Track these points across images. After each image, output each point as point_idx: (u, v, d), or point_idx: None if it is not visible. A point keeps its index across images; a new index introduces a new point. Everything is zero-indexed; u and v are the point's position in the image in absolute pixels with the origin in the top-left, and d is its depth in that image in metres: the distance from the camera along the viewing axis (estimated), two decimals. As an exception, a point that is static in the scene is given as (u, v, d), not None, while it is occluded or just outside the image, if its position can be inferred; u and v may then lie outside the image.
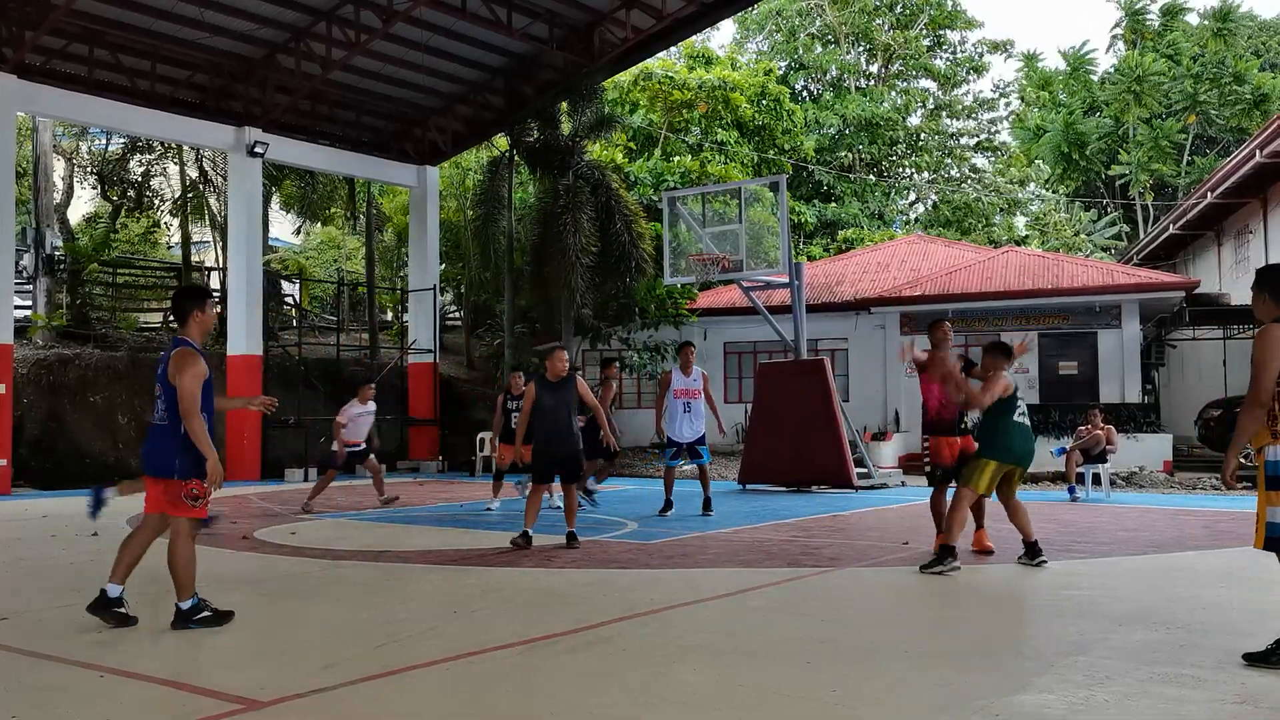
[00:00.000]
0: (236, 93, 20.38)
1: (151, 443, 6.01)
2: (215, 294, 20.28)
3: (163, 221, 30.15)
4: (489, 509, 13.00)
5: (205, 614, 5.92)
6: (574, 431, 9.34)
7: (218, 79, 20.07)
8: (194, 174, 27.00)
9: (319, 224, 32.96)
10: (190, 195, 27.08)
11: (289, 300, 29.60)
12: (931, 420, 8.75)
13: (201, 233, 28.95)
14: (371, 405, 13.50)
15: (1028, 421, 7.96)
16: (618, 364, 11.37)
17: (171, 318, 26.03)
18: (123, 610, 5.93)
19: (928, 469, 8.86)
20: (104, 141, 28.67)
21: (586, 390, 9.57)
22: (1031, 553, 8.00)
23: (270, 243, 30.58)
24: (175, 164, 27.07)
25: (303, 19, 18.99)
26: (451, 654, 5.23)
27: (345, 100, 22.21)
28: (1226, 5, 40.36)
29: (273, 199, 29.16)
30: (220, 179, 25.81)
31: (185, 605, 5.90)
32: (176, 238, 28.69)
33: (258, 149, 19.96)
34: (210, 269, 29.27)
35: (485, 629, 5.91)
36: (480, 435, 21.51)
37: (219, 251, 27.72)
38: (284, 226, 36.25)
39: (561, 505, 10.13)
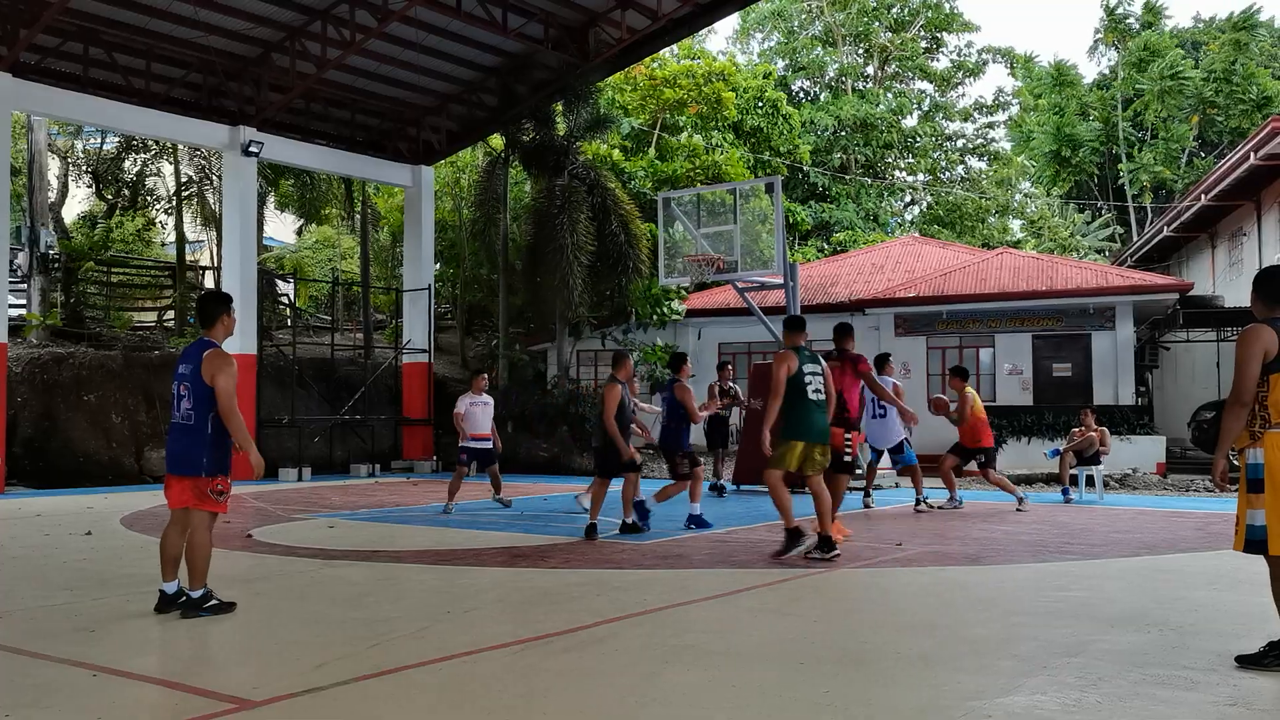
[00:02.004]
0: (231, 91, 20.35)
1: (178, 441, 6.26)
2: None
3: (157, 220, 30.09)
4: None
5: (214, 602, 6.22)
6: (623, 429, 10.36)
7: (212, 78, 20.04)
8: (189, 173, 26.95)
9: (315, 224, 32.93)
10: (185, 194, 27.04)
11: (284, 299, 29.56)
12: (853, 418, 10.19)
13: (196, 232, 28.89)
14: (487, 396, 13.17)
15: (821, 399, 8.54)
16: (688, 362, 11.35)
17: (164, 317, 26.06)
18: (185, 599, 6.23)
19: (847, 458, 9.97)
20: (99, 140, 28.61)
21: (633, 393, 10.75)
22: (823, 545, 8.38)
23: (265, 242, 30.55)
24: (170, 163, 27.01)
25: (298, 18, 18.96)
26: (444, 654, 5.23)
27: (340, 99, 22.18)
28: (1249, 11, 40.45)
29: (269, 199, 29.09)
30: (215, 177, 25.77)
31: (196, 594, 6.19)
32: (171, 236, 28.62)
33: (252, 148, 19.93)
34: (205, 268, 29.23)
35: (478, 629, 5.91)
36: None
37: (214, 250, 27.68)
38: (279, 226, 36.20)
39: (588, 505, 10.79)
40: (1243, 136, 32.55)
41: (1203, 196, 25.57)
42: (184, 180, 26.83)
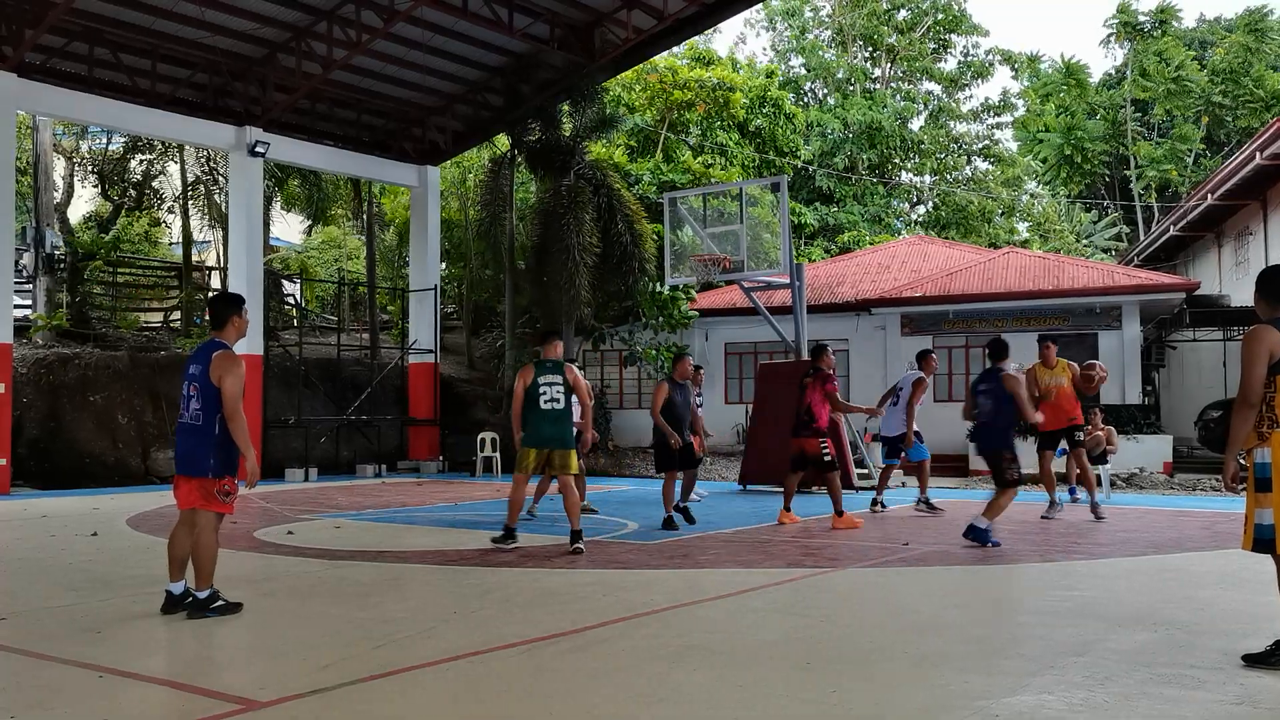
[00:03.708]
0: (237, 92, 20.38)
1: (185, 442, 6.27)
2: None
3: (163, 221, 30.14)
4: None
5: (220, 603, 6.24)
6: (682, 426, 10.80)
7: (218, 78, 20.08)
8: (195, 173, 27.00)
9: (322, 224, 32.97)
10: (191, 194, 27.09)
11: (290, 300, 29.60)
12: (822, 427, 11.05)
13: (203, 232, 28.93)
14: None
15: (556, 408, 9.03)
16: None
17: (171, 317, 26.11)
18: (190, 600, 6.25)
19: (828, 458, 11.02)
20: (104, 140, 28.66)
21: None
22: (573, 538, 9.02)
23: (271, 242, 30.58)
24: (176, 163, 27.06)
25: (304, 18, 18.99)
26: (451, 654, 5.23)
27: (346, 99, 22.21)
28: (1262, 10, 40.35)
29: (275, 199, 29.13)
30: (221, 177, 25.81)
31: (203, 595, 6.21)
32: (178, 236, 28.67)
33: (258, 148, 19.97)
34: (211, 268, 29.28)
35: (485, 629, 5.91)
36: (481, 435, 21.51)
37: (220, 250, 27.72)
38: (286, 226, 36.24)
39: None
40: (1251, 136, 32.49)
41: (1209, 196, 25.50)
42: (190, 180, 26.88)
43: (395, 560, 8.82)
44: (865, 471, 17.24)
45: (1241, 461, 4.98)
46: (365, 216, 29.17)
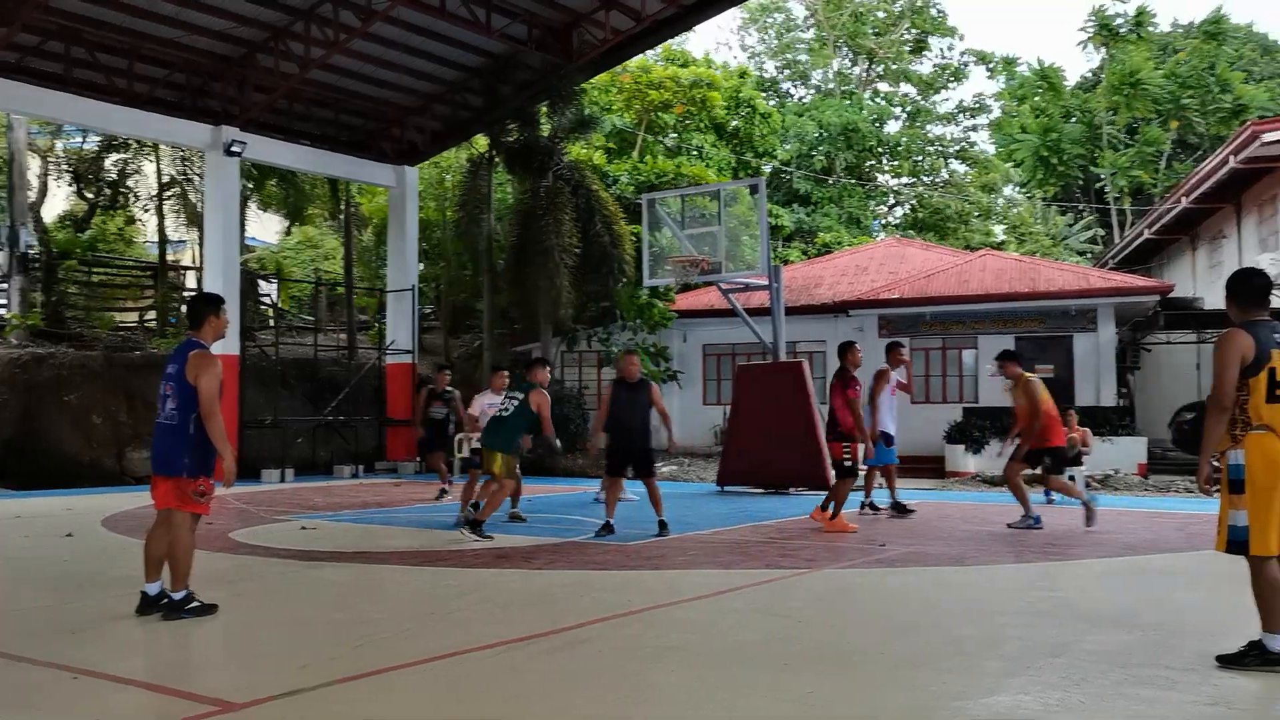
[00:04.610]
0: (214, 91, 20.24)
1: (161, 442, 6.24)
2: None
3: (139, 220, 29.88)
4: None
5: (196, 604, 6.18)
6: (648, 430, 10.41)
7: (195, 77, 19.93)
8: (171, 172, 26.78)
9: (299, 224, 32.78)
10: (167, 194, 26.88)
11: (266, 300, 29.44)
12: (843, 430, 10.76)
13: (178, 231, 28.69)
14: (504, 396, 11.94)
15: (505, 414, 10.06)
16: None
17: (146, 317, 25.90)
18: (166, 601, 6.19)
19: (848, 464, 10.81)
20: (80, 139, 28.40)
21: (659, 396, 10.54)
22: (472, 525, 9.76)
23: (248, 242, 30.41)
24: (151, 162, 26.85)
25: (281, 18, 18.88)
26: (429, 655, 5.22)
27: (323, 99, 22.10)
28: (1217, 14, 40.74)
29: (252, 199, 28.93)
30: (197, 177, 25.62)
31: (179, 596, 6.15)
32: (153, 236, 28.44)
33: (235, 148, 19.84)
34: (187, 268, 29.07)
35: (463, 630, 5.90)
36: (459, 436, 21.43)
37: (196, 250, 27.53)
38: (262, 226, 36.00)
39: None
40: (1219, 141, 32.82)
41: (1183, 199, 25.75)
42: (165, 180, 26.67)
43: (372, 561, 8.79)
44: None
45: (1215, 464, 5.04)
46: (343, 217, 29.03)
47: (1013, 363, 11.07)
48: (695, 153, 32.13)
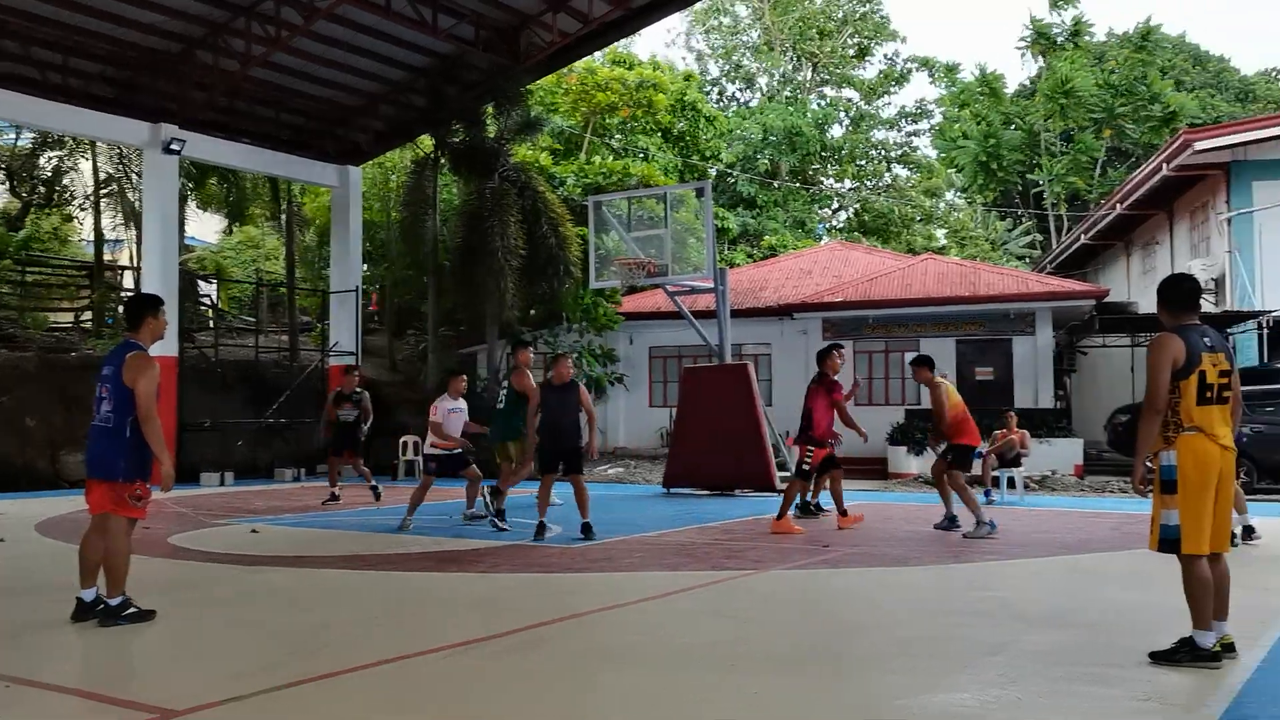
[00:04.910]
0: (152, 88, 19.87)
1: (96, 445, 6.12)
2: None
3: (75, 219, 29.26)
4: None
5: (132, 610, 6.06)
6: (579, 430, 10.55)
7: (133, 74, 19.54)
8: (109, 170, 26.27)
9: (240, 224, 32.30)
10: (104, 192, 26.35)
11: (206, 300, 28.97)
12: (819, 435, 10.85)
13: (116, 230, 28.14)
14: (463, 401, 11.78)
15: (501, 406, 11.47)
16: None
17: (82, 317, 25.35)
18: (102, 607, 6.06)
19: (806, 467, 10.99)
20: (13, 136, 27.75)
21: (587, 398, 10.69)
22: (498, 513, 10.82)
23: (187, 241, 29.89)
24: (88, 160, 26.31)
25: (222, 14, 18.59)
26: (375, 659, 5.18)
27: (265, 97, 21.79)
28: (1147, 26, 41.65)
29: (191, 198, 28.45)
30: (135, 175, 25.15)
31: (115, 602, 6.04)
32: (90, 235, 27.86)
33: (174, 146, 19.51)
34: (124, 268, 28.51)
35: (410, 633, 5.86)
36: (403, 439, 21.27)
37: (134, 250, 27.02)
38: (202, 225, 35.42)
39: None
40: (1151, 149, 33.59)
41: (1118, 205, 26.31)
42: (102, 177, 26.15)
43: (315, 565, 8.69)
44: (788, 474, 17.36)
45: (1149, 464, 5.16)
46: (285, 216, 28.65)
47: (923, 368, 11.21)
48: (641, 155, 32.19)
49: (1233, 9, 77.37)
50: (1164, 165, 22.26)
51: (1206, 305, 21.77)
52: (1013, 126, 41.74)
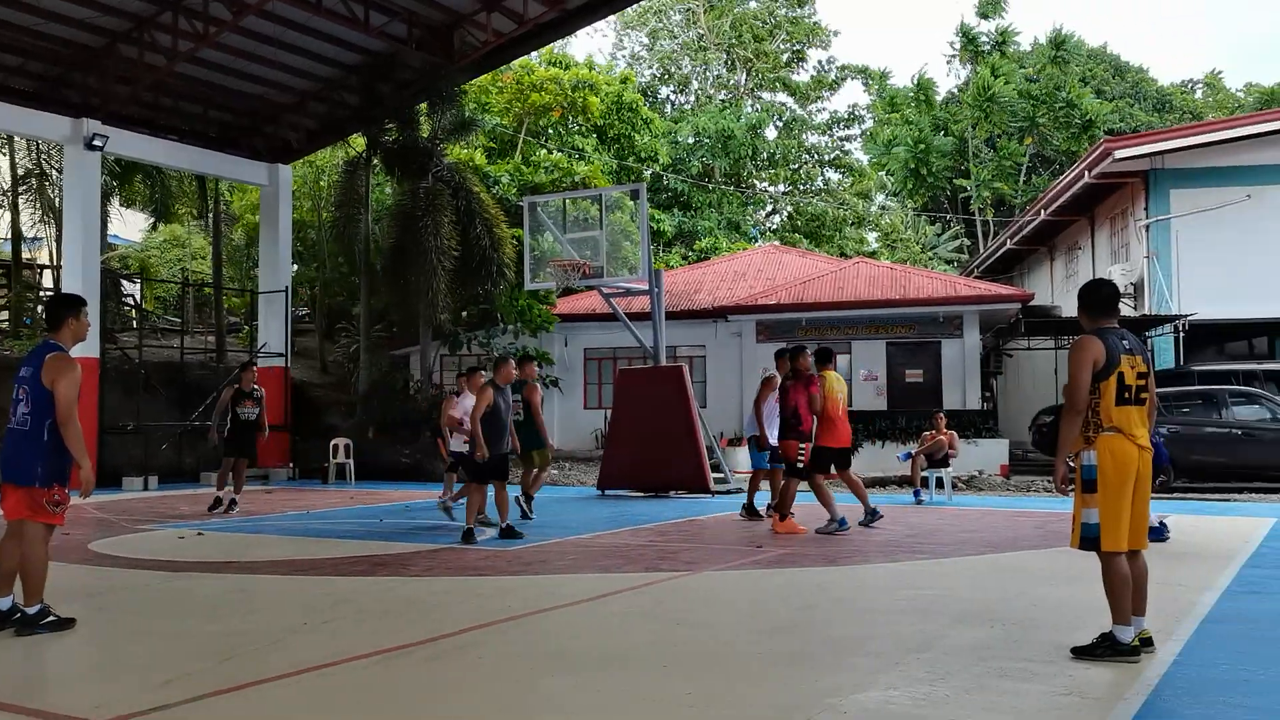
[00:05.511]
0: (75, 82, 19.37)
1: (12, 448, 5.95)
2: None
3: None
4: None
5: (51, 618, 5.92)
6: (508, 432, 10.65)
7: (54, 67, 19.04)
8: (27, 165, 25.53)
9: (164, 222, 31.64)
10: (22, 188, 25.61)
11: (129, 300, 28.31)
12: (804, 430, 10.75)
13: (34, 228, 27.38)
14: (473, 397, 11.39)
15: (519, 418, 11.58)
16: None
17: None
18: (19, 616, 5.91)
19: (800, 464, 10.81)
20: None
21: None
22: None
23: (110, 239, 29.20)
24: (4, 155, 25.55)
25: (147, 8, 18.18)
26: (301, 666, 5.10)
27: (193, 93, 21.36)
28: (1060, 34, 42.65)
29: (114, 195, 27.77)
30: (56, 170, 24.49)
31: (32, 610, 5.89)
32: (6, 233, 27.05)
33: (96, 142, 19.03)
34: (44, 266, 27.76)
35: (337, 640, 5.78)
36: (334, 441, 20.98)
37: (54, 248, 26.30)
38: (126, 223, 34.60)
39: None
40: (1073, 155, 34.41)
41: (1042, 212, 26.92)
42: (20, 174, 25.42)
43: (242, 571, 8.54)
44: (721, 476, 17.48)
45: (1070, 464, 5.29)
46: (212, 215, 28.11)
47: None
48: (577, 155, 32.16)
49: (1153, 22, 79.61)
50: (1086, 173, 22.82)
51: (1125, 309, 22.37)
52: (943, 132, 42.51)
